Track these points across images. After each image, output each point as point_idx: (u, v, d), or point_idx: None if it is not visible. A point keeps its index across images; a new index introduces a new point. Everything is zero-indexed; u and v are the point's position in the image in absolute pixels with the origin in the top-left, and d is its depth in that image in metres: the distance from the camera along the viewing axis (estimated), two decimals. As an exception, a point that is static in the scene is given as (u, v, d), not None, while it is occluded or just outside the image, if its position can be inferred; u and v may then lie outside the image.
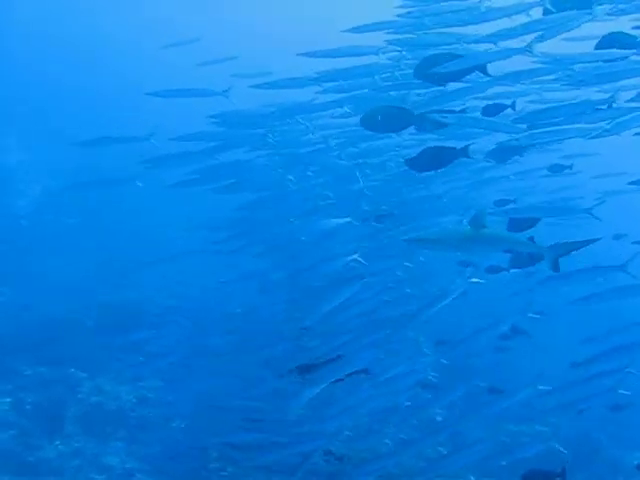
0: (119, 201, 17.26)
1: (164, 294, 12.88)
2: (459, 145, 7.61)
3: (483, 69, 7.27)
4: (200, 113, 9.93)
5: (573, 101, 7.66)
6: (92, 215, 17.66)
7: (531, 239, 6.76)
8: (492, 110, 8.28)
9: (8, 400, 10.13)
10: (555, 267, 6.73)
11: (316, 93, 9.19)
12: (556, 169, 10.23)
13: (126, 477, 9.29)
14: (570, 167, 10.09)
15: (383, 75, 8.62)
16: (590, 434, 12.22)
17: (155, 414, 10.22)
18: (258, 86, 9.38)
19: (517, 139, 7.40)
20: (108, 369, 11.04)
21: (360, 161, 9.90)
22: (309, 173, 10.12)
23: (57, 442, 9.59)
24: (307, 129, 9.66)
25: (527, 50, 7.13)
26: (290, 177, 9.98)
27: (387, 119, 7.38)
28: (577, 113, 7.29)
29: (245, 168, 10.15)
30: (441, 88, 7.95)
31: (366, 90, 8.89)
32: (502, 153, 8.91)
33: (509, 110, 8.12)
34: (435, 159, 7.52)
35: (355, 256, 8.03)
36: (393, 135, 9.15)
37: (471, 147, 7.51)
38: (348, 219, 8.68)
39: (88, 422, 10.05)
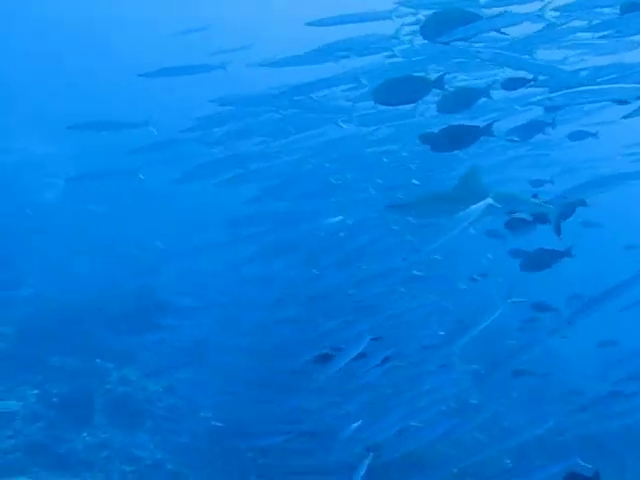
0: (144, 189, 17.15)
1: (188, 283, 12.72)
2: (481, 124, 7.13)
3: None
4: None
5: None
6: (116, 203, 17.60)
7: (535, 197, 6.16)
8: (512, 84, 7.92)
9: (35, 392, 10.12)
10: (557, 227, 6.15)
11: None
12: (578, 136, 9.66)
13: (155, 468, 9.24)
14: (595, 134, 9.40)
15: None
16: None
17: (183, 404, 10.11)
18: (266, 64, 8.86)
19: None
20: (135, 359, 10.94)
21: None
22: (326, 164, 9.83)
23: (85, 433, 9.55)
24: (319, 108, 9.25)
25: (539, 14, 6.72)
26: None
27: (401, 90, 6.92)
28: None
29: (250, 159, 9.84)
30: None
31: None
32: (526, 130, 8.56)
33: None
34: (456, 138, 6.91)
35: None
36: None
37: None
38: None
39: (116, 413, 9.99)
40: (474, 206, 5.73)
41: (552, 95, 6.18)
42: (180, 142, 10.30)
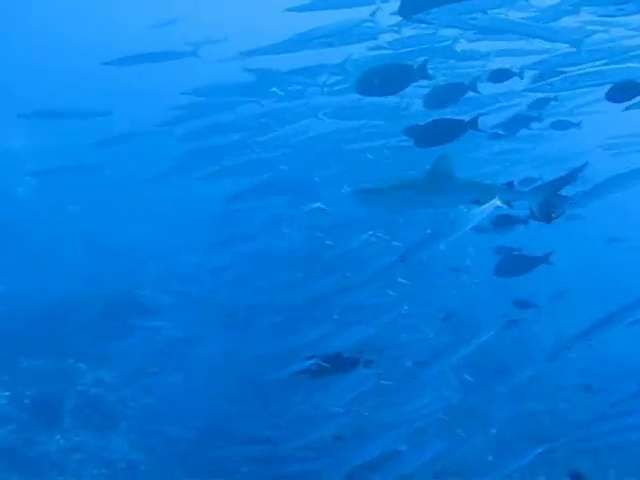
0: (121, 185, 16.81)
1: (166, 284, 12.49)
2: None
3: None
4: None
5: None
6: (94, 201, 17.25)
7: (510, 184, 5.81)
8: (498, 77, 7.76)
9: (7, 394, 9.84)
10: (542, 215, 5.74)
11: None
12: (561, 126, 9.47)
13: (130, 470, 8.98)
14: (578, 125, 9.12)
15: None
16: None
17: (158, 405, 9.83)
18: (248, 53, 8.59)
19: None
20: (109, 360, 10.63)
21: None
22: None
23: (57, 436, 9.28)
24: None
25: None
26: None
27: (383, 80, 6.66)
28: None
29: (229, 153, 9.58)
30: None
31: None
32: (511, 125, 8.41)
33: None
34: (441, 132, 6.60)
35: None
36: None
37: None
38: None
39: (88, 415, 9.72)
40: (479, 208, 5.49)
41: (552, 80, 5.99)
42: (150, 135, 9.98)
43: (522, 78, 7.76)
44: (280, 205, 9.10)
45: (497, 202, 5.40)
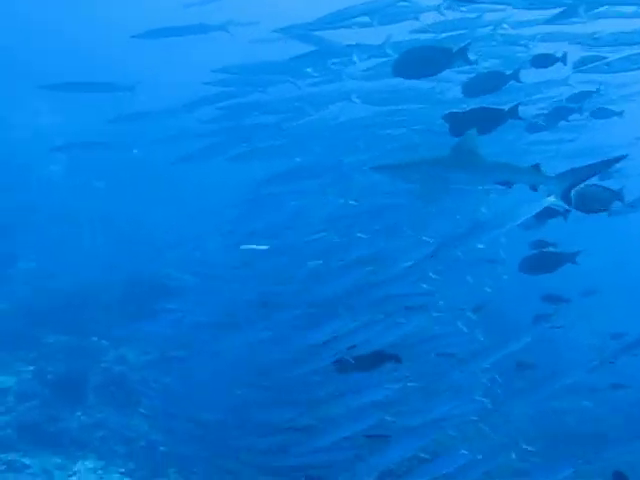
0: (148, 165, 16.75)
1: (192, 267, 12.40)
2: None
3: None
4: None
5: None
6: (122, 179, 17.22)
7: (536, 167, 5.58)
8: (542, 62, 7.52)
9: (30, 369, 9.86)
10: (567, 200, 5.50)
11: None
12: (603, 115, 9.16)
13: (150, 449, 8.96)
14: (620, 114, 8.84)
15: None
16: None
17: (180, 387, 9.79)
18: (282, 30, 8.39)
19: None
20: (133, 338, 10.61)
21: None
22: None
23: (79, 413, 9.27)
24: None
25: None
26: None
27: (421, 62, 6.51)
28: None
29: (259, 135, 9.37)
30: None
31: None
32: (552, 116, 8.18)
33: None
34: (480, 121, 6.38)
35: None
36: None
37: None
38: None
39: (111, 392, 9.70)
40: (529, 205, 5.37)
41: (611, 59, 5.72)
42: (175, 113, 9.82)
43: (565, 64, 7.55)
44: (311, 191, 8.95)
45: (551, 199, 5.26)
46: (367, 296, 7.20)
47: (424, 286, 7.45)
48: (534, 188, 5.63)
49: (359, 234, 8.04)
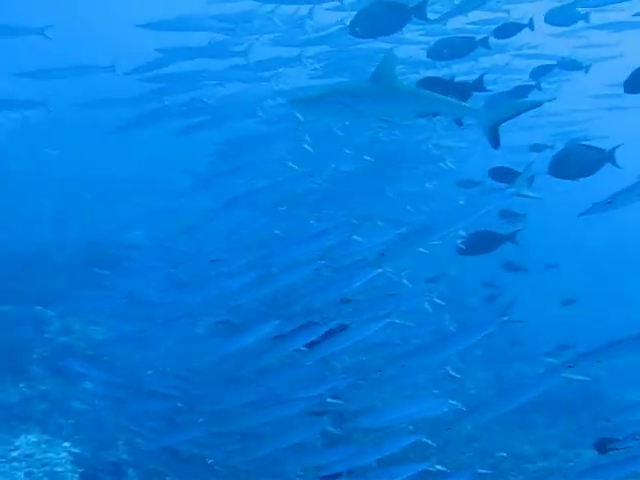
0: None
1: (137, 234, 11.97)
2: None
3: None
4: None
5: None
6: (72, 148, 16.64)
7: (462, 98, 5.35)
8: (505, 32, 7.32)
9: (-31, 339, 9.41)
10: (493, 138, 5.17)
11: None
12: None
13: (97, 422, 8.60)
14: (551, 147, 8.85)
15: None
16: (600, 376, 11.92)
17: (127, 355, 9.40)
18: None
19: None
20: (78, 307, 10.16)
21: None
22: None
23: (22, 385, 8.88)
24: None
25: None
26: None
27: (378, 19, 6.13)
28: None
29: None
30: None
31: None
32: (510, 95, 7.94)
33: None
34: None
35: None
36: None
37: None
38: None
39: (56, 364, 9.31)
40: (492, 196, 5.13)
41: None
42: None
43: (533, 29, 7.38)
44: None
45: (513, 190, 5.02)
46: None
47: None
48: (459, 122, 5.34)
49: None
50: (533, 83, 7.94)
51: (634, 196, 4.57)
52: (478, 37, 7.30)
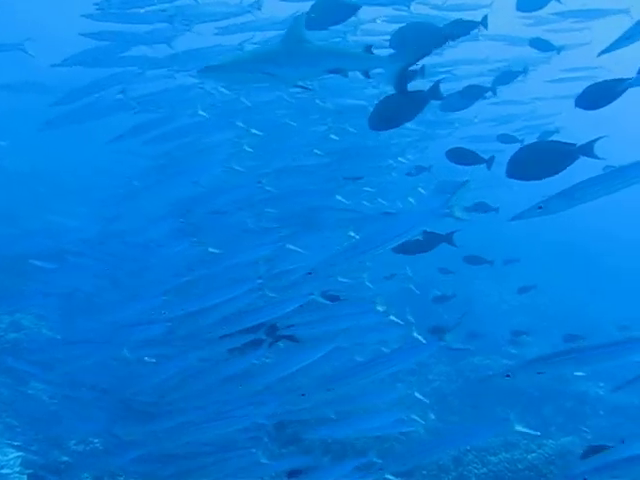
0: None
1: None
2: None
3: None
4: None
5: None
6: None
7: (367, 50, 5.12)
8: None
9: None
10: (399, 84, 5.09)
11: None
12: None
13: (48, 421, 8.24)
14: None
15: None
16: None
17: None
18: None
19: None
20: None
21: None
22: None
23: (-32, 384, 8.47)
24: None
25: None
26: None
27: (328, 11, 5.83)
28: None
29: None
30: None
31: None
32: (465, 97, 7.81)
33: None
34: (398, 111, 5.63)
35: None
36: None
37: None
38: None
39: (4, 361, 8.86)
40: (423, 215, 4.92)
41: None
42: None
43: (486, 27, 7.26)
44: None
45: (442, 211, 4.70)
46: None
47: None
48: (366, 74, 5.23)
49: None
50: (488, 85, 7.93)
51: (569, 201, 4.32)
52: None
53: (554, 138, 9.11)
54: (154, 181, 8.51)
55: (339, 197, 7.73)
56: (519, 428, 5.66)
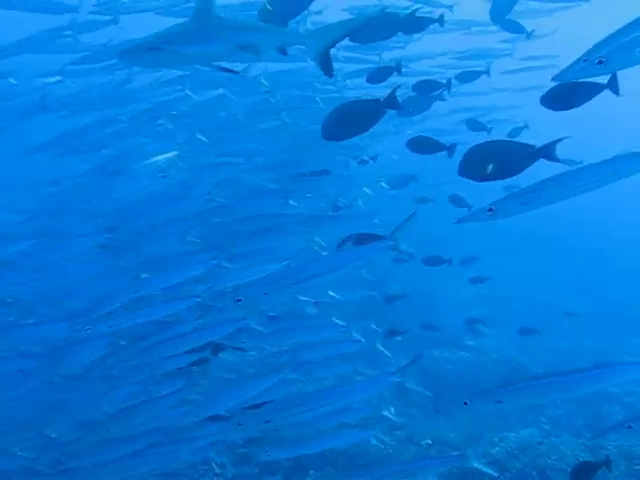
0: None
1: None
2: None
3: None
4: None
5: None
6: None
7: (284, 23, 4.90)
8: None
9: None
10: (324, 63, 4.73)
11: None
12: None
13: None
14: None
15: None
16: (516, 360, 12.15)
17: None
18: None
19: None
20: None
21: None
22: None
23: None
24: None
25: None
26: None
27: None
28: None
29: None
30: None
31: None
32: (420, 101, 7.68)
33: None
34: (352, 121, 5.41)
35: None
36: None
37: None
38: None
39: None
40: (367, 248, 4.78)
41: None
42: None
43: (442, 25, 7.20)
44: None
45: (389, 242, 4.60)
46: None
47: None
48: (283, 51, 4.84)
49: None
50: (443, 81, 7.81)
51: (520, 205, 4.06)
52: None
53: (523, 135, 9.14)
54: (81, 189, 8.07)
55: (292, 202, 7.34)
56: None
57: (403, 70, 7.51)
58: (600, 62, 3.77)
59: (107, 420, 5.93)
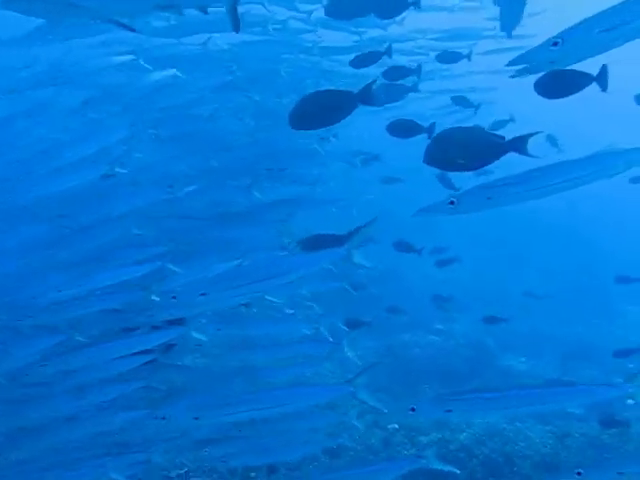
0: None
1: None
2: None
3: None
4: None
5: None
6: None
7: None
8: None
9: None
10: (233, 18, 4.43)
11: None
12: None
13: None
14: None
15: None
16: (484, 344, 12.16)
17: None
18: None
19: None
20: None
21: None
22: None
23: None
24: None
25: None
26: None
27: None
28: None
29: None
30: None
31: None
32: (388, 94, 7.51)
33: None
34: (324, 112, 5.18)
35: None
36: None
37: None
38: None
39: None
40: (322, 255, 4.54)
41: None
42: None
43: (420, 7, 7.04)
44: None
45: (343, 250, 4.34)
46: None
47: None
48: (204, 11, 4.53)
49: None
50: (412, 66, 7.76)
51: (485, 200, 3.75)
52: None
53: (508, 128, 9.01)
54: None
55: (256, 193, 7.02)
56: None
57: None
58: (555, 44, 3.47)
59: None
